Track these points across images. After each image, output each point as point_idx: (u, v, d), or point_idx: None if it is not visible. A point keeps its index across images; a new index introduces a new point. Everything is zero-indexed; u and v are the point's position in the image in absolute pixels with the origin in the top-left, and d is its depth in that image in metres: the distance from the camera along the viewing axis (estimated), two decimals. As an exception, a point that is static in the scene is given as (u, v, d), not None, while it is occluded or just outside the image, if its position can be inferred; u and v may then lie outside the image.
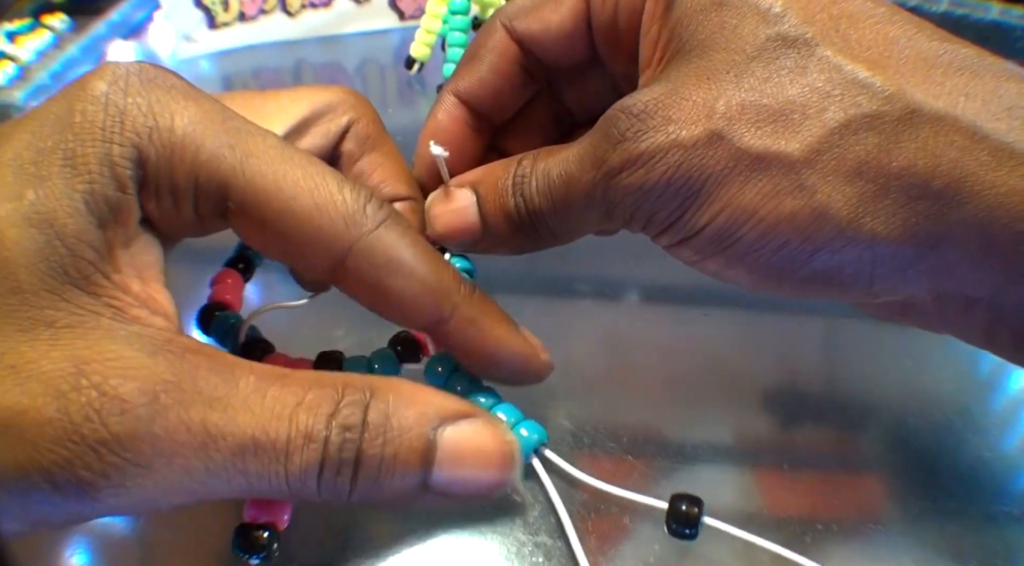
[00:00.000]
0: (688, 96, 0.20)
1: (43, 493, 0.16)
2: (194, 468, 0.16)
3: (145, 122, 0.18)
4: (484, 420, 0.20)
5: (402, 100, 0.54)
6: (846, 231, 0.19)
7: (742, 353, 0.31)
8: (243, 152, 0.19)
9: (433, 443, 0.18)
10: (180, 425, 0.16)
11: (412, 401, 0.18)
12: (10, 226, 0.16)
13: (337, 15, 0.58)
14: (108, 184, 0.17)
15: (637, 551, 0.23)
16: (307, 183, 0.19)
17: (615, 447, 0.26)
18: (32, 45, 0.53)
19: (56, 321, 0.16)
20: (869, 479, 0.26)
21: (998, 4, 0.57)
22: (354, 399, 0.18)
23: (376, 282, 0.19)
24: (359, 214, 0.19)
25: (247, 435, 0.17)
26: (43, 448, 0.15)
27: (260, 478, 0.17)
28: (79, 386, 0.16)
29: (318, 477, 0.17)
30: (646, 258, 0.34)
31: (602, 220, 0.22)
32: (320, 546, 0.23)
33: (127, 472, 0.16)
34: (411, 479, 0.18)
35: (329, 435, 0.17)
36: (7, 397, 0.16)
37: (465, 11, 0.48)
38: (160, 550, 0.24)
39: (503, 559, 0.23)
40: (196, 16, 0.55)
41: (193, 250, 0.23)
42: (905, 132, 0.19)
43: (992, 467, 0.26)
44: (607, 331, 0.32)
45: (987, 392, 0.30)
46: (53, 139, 0.17)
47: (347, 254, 0.19)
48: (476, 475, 0.19)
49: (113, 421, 0.16)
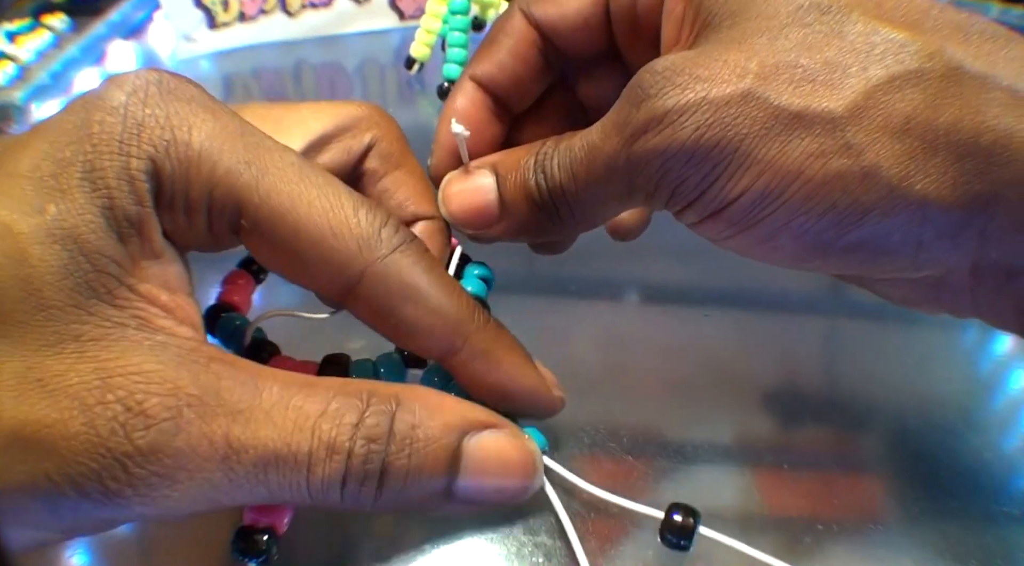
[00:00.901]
0: (719, 57, 0.19)
1: (72, 502, 0.16)
2: (217, 480, 0.17)
3: (163, 135, 0.18)
4: (508, 430, 0.20)
5: (402, 100, 0.54)
6: (896, 191, 0.18)
7: (742, 353, 0.31)
8: (259, 169, 0.18)
9: (458, 453, 0.18)
10: (203, 439, 0.16)
11: (438, 411, 0.19)
12: (34, 243, 0.16)
13: (337, 15, 0.58)
14: (127, 198, 0.17)
15: (637, 552, 0.23)
16: (322, 203, 0.19)
17: (615, 447, 0.26)
18: (32, 45, 0.53)
19: (82, 334, 0.16)
20: (869, 479, 0.26)
21: (998, 4, 0.57)
22: (380, 409, 0.18)
23: (388, 309, 0.19)
24: (374, 238, 0.19)
25: (268, 448, 0.17)
26: (71, 460, 0.16)
27: (281, 489, 0.17)
28: (104, 400, 0.16)
29: (341, 488, 0.18)
30: (646, 258, 0.34)
31: (624, 196, 0.21)
32: (320, 548, 0.23)
33: (152, 483, 0.16)
34: (436, 487, 0.18)
35: (353, 447, 0.17)
36: (35, 411, 0.16)
37: (465, 11, 0.48)
38: (160, 550, 0.24)
39: (503, 559, 0.23)
40: (196, 16, 0.55)
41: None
42: (949, 89, 0.18)
43: (992, 467, 0.26)
44: (607, 331, 0.32)
45: (987, 392, 0.30)
46: (71, 150, 0.17)
47: (360, 278, 0.19)
48: (500, 484, 0.19)
49: (137, 435, 0.16)
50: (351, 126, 0.24)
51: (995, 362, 0.26)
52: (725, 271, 0.35)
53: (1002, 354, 0.32)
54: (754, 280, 0.35)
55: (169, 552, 0.24)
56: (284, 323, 0.26)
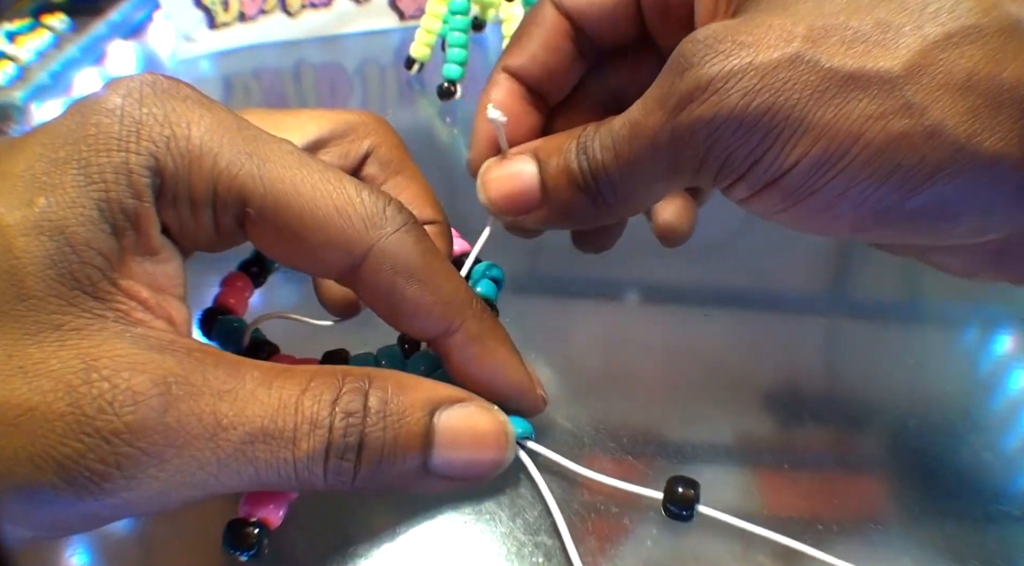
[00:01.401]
0: (763, 22, 0.18)
1: (55, 491, 0.16)
2: (205, 458, 0.17)
3: (162, 132, 0.18)
4: (478, 404, 0.20)
5: (402, 100, 0.54)
6: (965, 149, 0.18)
7: (742, 353, 0.31)
8: (260, 158, 0.19)
9: (431, 427, 0.19)
10: (191, 415, 0.17)
11: (408, 388, 0.19)
12: (19, 234, 0.17)
13: (337, 15, 0.58)
14: (124, 192, 0.17)
15: (637, 551, 0.23)
16: (326, 186, 0.19)
17: (615, 447, 0.26)
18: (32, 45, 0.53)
19: (63, 324, 0.17)
20: (869, 479, 0.26)
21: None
22: (354, 386, 0.18)
23: (390, 286, 0.19)
24: (378, 216, 0.19)
25: (256, 424, 0.17)
26: (55, 442, 0.16)
27: (269, 467, 0.17)
28: (90, 380, 0.16)
29: (324, 463, 0.18)
30: (646, 258, 0.34)
31: (670, 173, 0.20)
32: (316, 545, 0.23)
33: (140, 463, 0.16)
34: (412, 462, 0.19)
35: (333, 420, 0.18)
36: (15, 395, 0.16)
37: (465, 11, 0.48)
38: (160, 550, 0.24)
39: (503, 559, 0.23)
40: (196, 16, 0.55)
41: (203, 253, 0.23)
42: (1010, 43, 0.17)
43: (992, 467, 0.26)
44: (607, 331, 0.32)
45: (987, 392, 0.30)
46: (66, 150, 0.17)
47: (365, 257, 0.19)
48: (473, 455, 0.20)
49: (126, 411, 0.16)
50: (349, 132, 0.24)
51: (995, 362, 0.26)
52: (725, 271, 0.35)
53: (1002, 354, 0.32)
54: (754, 280, 0.35)
55: (169, 552, 0.24)
56: (284, 326, 0.26)
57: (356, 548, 0.23)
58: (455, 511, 0.24)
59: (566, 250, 0.27)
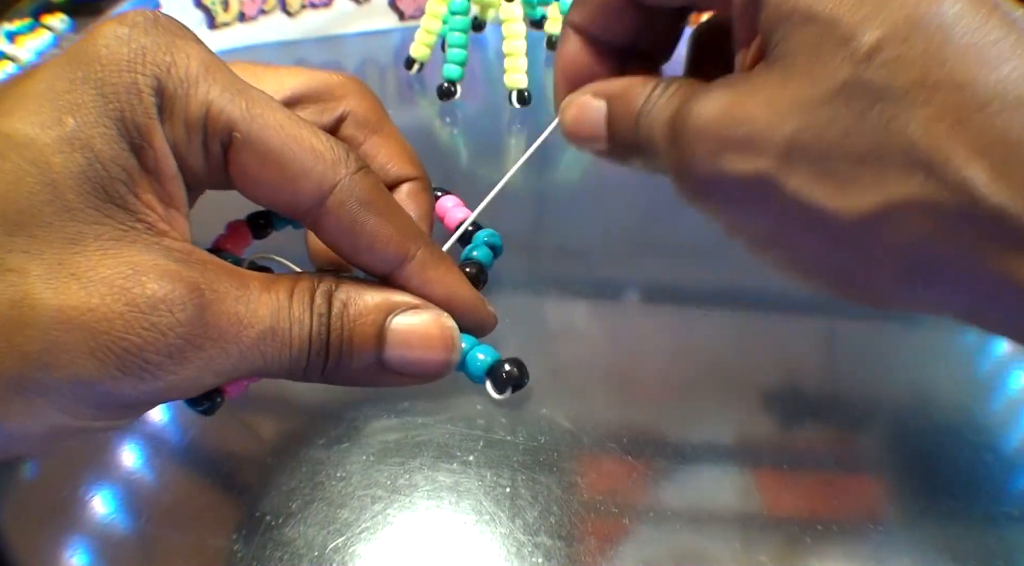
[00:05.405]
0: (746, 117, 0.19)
1: (112, 379, 0.18)
2: (231, 350, 0.20)
3: (164, 57, 0.20)
4: (429, 310, 0.22)
5: (402, 100, 0.54)
6: None
7: (742, 353, 0.31)
8: (247, 98, 0.21)
9: (384, 328, 0.21)
10: (222, 315, 0.19)
11: (368, 292, 0.22)
12: (56, 152, 0.18)
13: (337, 15, 0.58)
14: (137, 110, 0.19)
15: (636, 551, 0.23)
16: (302, 130, 0.21)
17: (615, 447, 0.26)
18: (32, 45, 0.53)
19: (103, 234, 0.19)
20: (869, 479, 0.26)
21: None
22: (323, 290, 0.21)
23: (353, 219, 0.21)
24: (344, 159, 0.21)
25: (266, 324, 0.20)
26: (116, 338, 0.18)
27: (273, 358, 0.20)
28: (141, 283, 0.18)
29: (308, 357, 0.21)
30: (646, 258, 0.35)
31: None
32: (316, 544, 0.23)
33: (185, 353, 0.19)
34: (368, 358, 0.21)
35: (312, 321, 0.21)
36: (74, 298, 0.18)
37: (465, 11, 0.48)
38: (160, 550, 0.24)
39: (502, 560, 0.23)
40: (196, 16, 0.55)
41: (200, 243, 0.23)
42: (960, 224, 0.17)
43: (992, 467, 0.26)
44: (607, 331, 0.33)
45: (987, 392, 0.30)
46: (83, 70, 0.19)
47: (331, 192, 0.21)
48: (423, 355, 0.22)
49: (177, 309, 0.19)
50: (326, 91, 0.26)
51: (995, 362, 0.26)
52: (725, 271, 0.35)
53: (1002, 354, 0.32)
54: (754, 280, 0.35)
55: (169, 552, 0.24)
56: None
57: (356, 548, 0.23)
58: (455, 512, 0.24)
59: (566, 251, 0.27)
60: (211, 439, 0.28)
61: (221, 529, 0.21)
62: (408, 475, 0.26)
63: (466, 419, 0.27)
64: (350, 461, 0.26)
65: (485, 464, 0.26)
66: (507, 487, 0.25)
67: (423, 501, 0.25)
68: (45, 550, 0.24)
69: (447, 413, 0.28)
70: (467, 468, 0.26)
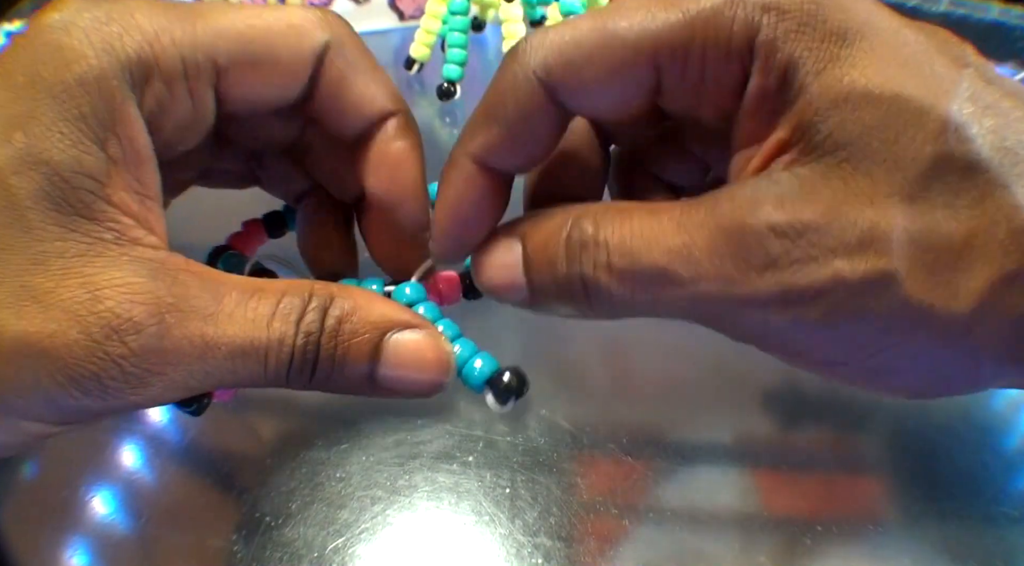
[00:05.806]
0: (852, 219, 0.17)
1: (74, 398, 0.18)
2: (196, 371, 0.19)
3: (111, 30, 0.19)
4: (427, 332, 0.21)
5: (402, 100, 0.54)
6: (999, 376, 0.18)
7: (742, 353, 0.31)
8: (206, 20, 0.20)
9: (379, 348, 0.21)
10: (183, 340, 0.19)
11: (365, 308, 0.21)
12: (11, 173, 0.18)
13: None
14: (96, 102, 0.18)
15: (636, 552, 0.23)
16: (269, 17, 0.21)
17: (615, 447, 0.26)
18: (32, 45, 0.53)
19: (66, 251, 0.18)
20: (869, 480, 0.26)
21: (998, 4, 0.57)
22: (315, 306, 0.20)
23: (342, 77, 0.22)
24: (321, 20, 0.22)
25: (236, 344, 0.19)
26: (73, 364, 0.18)
27: (246, 375, 0.20)
28: (96, 310, 0.18)
29: (287, 372, 0.20)
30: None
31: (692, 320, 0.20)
32: (315, 545, 0.23)
33: (144, 378, 0.19)
34: (359, 373, 0.21)
35: (296, 340, 0.20)
36: (34, 324, 0.18)
37: (465, 11, 0.48)
38: (160, 550, 0.24)
39: (502, 560, 0.23)
40: (196, 16, 0.55)
41: (199, 249, 0.23)
42: None
43: (992, 467, 0.26)
44: (607, 331, 0.32)
45: (987, 392, 0.30)
46: (25, 75, 0.18)
47: (324, 52, 0.22)
48: (416, 377, 0.21)
49: (130, 339, 0.18)
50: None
51: (995, 362, 0.26)
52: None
53: (1002, 354, 0.32)
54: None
55: (169, 552, 0.24)
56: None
57: (356, 548, 0.23)
58: (455, 513, 0.24)
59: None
60: (211, 439, 0.28)
61: (221, 529, 0.21)
62: (408, 476, 0.26)
63: (466, 420, 0.27)
64: (350, 462, 0.26)
65: (485, 465, 0.26)
66: (507, 488, 0.25)
67: (423, 502, 0.25)
68: (45, 550, 0.24)
69: (447, 414, 0.28)
70: (467, 469, 0.26)
